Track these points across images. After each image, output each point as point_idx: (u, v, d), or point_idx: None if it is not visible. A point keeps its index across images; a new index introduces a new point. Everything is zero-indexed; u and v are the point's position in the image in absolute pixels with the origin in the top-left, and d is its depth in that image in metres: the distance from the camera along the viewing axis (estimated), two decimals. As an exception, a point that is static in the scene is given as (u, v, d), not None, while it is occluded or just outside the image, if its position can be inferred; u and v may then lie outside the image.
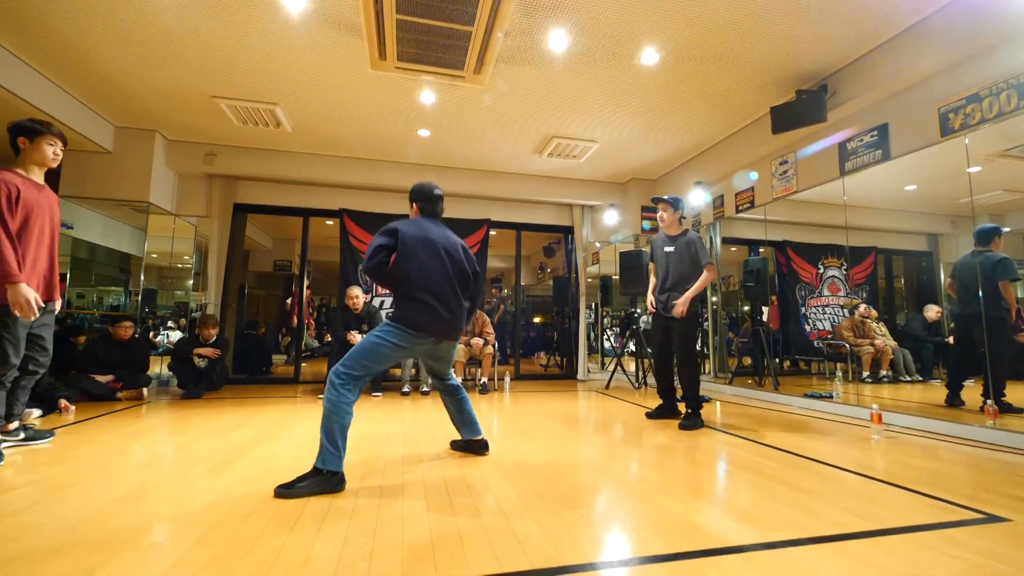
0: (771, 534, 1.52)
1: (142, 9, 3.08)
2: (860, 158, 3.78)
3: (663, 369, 3.60)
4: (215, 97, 4.19)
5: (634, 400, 4.63)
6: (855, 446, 2.75)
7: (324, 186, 5.84)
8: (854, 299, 5.13)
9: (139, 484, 1.96)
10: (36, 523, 1.56)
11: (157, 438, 2.82)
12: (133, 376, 4.30)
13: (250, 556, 1.35)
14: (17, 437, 2.53)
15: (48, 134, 2.43)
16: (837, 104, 3.67)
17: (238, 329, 6.08)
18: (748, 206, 5.01)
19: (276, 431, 3.03)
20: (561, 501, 1.82)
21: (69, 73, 3.87)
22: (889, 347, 4.80)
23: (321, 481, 1.89)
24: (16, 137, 2.39)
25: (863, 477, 2.14)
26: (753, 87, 3.96)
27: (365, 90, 4.08)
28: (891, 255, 5.15)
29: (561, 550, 1.40)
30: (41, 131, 2.41)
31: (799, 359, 5.88)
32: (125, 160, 4.85)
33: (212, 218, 5.49)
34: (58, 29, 3.29)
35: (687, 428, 3.19)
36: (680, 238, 3.45)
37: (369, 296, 5.70)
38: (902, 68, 3.24)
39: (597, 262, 7.17)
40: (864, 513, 1.70)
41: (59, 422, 3.22)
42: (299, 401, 4.35)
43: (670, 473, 2.20)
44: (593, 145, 5.16)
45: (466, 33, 3.18)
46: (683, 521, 1.63)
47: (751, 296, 5.14)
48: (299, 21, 3.18)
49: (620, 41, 3.36)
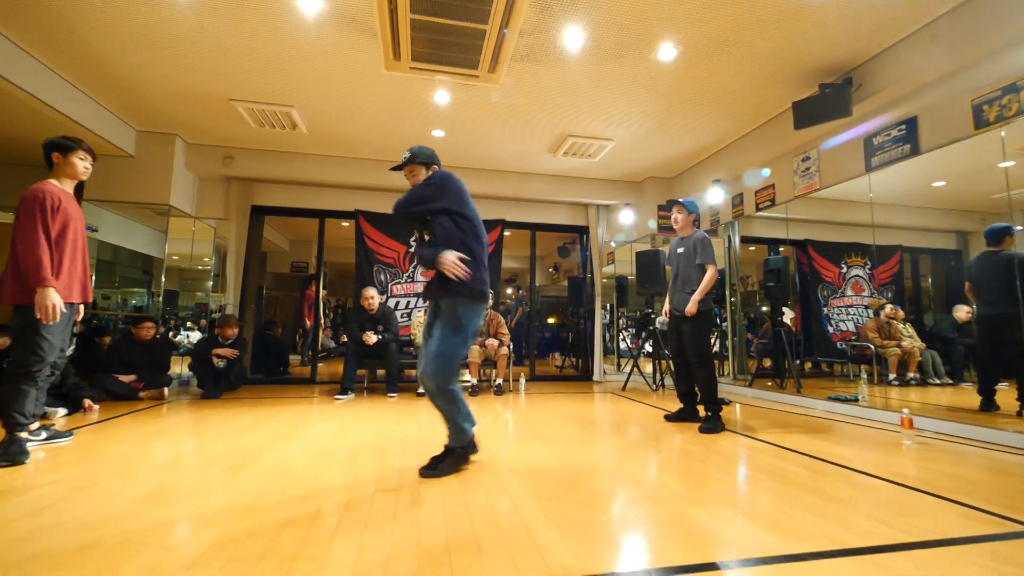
0: (799, 544, 1.46)
1: (162, 15, 3.12)
2: (887, 153, 3.66)
3: (682, 371, 3.54)
4: (233, 100, 4.25)
5: (651, 402, 4.55)
6: (884, 451, 2.65)
7: (339, 188, 5.88)
8: (879, 299, 4.98)
9: (159, 484, 1.98)
10: (57, 522, 1.58)
11: (177, 438, 2.85)
12: (155, 376, 4.38)
13: (267, 559, 1.34)
14: (39, 437, 2.57)
15: (79, 149, 2.59)
16: (863, 98, 3.56)
17: (256, 330, 6.16)
18: (768, 204, 4.90)
19: (292, 432, 3.04)
20: (580, 507, 1.78)
21: (94, 79, 3.95)
22: (917, 349, 4.65)
23: (458, 458, 2.18)
24: (50, 152, 2.55)
25: (895, 485, 2.06)
26: (774, 81, 3.86)
27: (379, 91, 4.09)
28: (918, 254, 4.98)
29: (582, 559, 1.36)
30: (73, 146, 2.57)
31: (821, 361, 5.73)
32: (147, 164, 4.95)
33: (230, 220, 5.57)
34: (83, 35, 3.35)
35: (707, 431, 3.12)
36: (689, 239, 3.45)
37: (384, 297, 5.72)
38: (934, 58, 3.11)
39: (613, 262, 7.09)
40: (898, 524, 1.63)
41: (83, 421, 3.28)
42: (315, 402, 4.38)
43: (691, 478, 2.14)
44: (608, 144, 5.10)
45: (480, 32, 3.16)
46: (706, 529, 1.57)
47: (772, 296, 5.02)
48: (314, 23, 3.20)
49: (636, 37, 3.31)
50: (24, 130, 4.36)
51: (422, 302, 5.87)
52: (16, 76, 3.46)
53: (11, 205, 5.31)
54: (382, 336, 4.86)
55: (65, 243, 2.47)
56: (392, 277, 5.88)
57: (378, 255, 5.87)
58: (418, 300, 5.90)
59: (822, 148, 4.28)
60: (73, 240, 2.52)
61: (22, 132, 4.41)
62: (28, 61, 3.56)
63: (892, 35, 3.28)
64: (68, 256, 2.48)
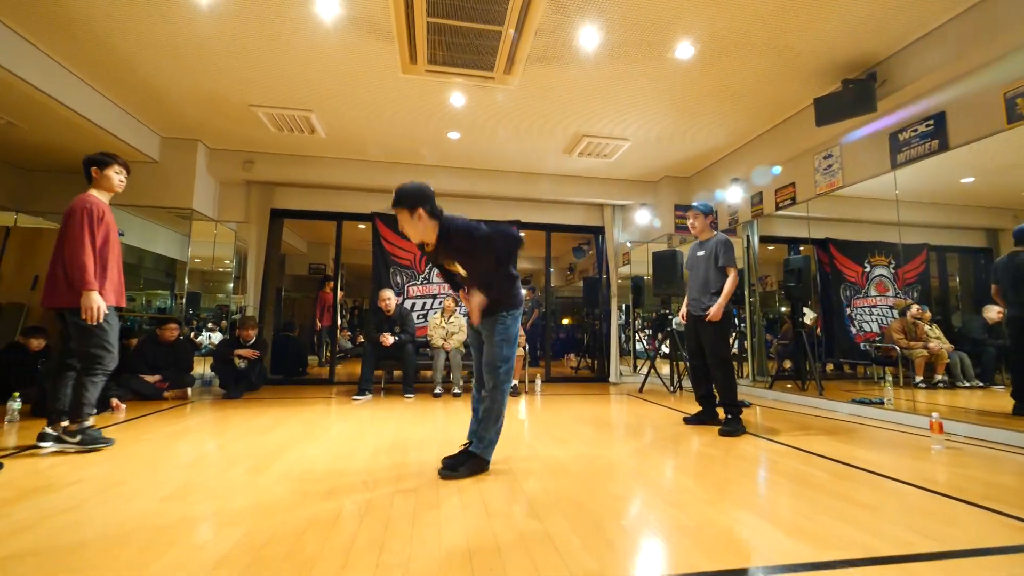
0: (827, 552, 1.42)
1: (187, 25, 3.19)
2: (913, 149, 3.56)
3: (700, 374, 3.49)
4: (253, 106, 4.32)
5: (669, 404, 4.50)
6: (912, 456, 2.58)
7: (356, 190, 5.94)
8: (905, 299, 4.85)
9: (184, 483, 2.02)
10: (90, 519, 1.62)
11: (200, 437, 2.91)
12: (178, 376, 4.48)
13: (290, 558, 1.36)
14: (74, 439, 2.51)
15: (115, 163, 2.77)
16: (887, 93, 3.47)
17: (275, 331, 6.26)
18: (789, 203, 4.81)
19: (311, 432, 3.08)
20: (599, 510, 1.76)
21: (122, 88, 4.07)
22: (944, 350, 4.51)
23: (479, 464, 2.20)
24: (89, 167, 2.71)
25: (925, 491, 2.00)
26: (795, 78, 3.79)
27: (396, 94, 4.12)
28: (945, 252, 4.84)
29: (603, 563, 1.35)
30: (109, 161, 2.76)
31: (843, 363, 5.60)
32: (170, 169, 5.07)
33: (251, 223, 5.67)
34: (113, 46, 3.45)
35: (727, 434, 3.07)
36: (709, 241, 3.42)
37: (401, 298, 5.77)
38: (964, 50, 3.01)
39: (628, 262, 7.04)
40: (930, 531, 1.58)
41: (111, 420, 3.37)
42: (333, 402, 4.43)
43: (711, 482, 2.11)
44: (624, 143, 5.06)
45: (496, 33, 3.17)
46: (729, 534, 1.55)
47: (792, 297, 4.92)
48: (332, 28, 3.24)
49: (653, 35, 3.27)
50: (56, 138, 4.51)
51: (438, 303, 5.90)
52: (52, 88, 3.58)
53: (43, 210, 5.50)
54: (399, 337, 4.89)
55: (109, 252, 2.66)
56: (408, 279, 5.92)
57: (395, 257, 5.92)
58: (434, 302, 5.94)
59: (845, 145, 4.19)
60: (114, 249, 2.71)
61: (54, 140, 4.56)
62: (63, 74, 3.67)
63: (919, 28, 3.18)
64: (112, 263, 2.67)
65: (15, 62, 3.28)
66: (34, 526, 1.56)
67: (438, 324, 5.27)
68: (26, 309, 5.03)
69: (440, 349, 5.06)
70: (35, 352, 3.93)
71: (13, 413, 3.19)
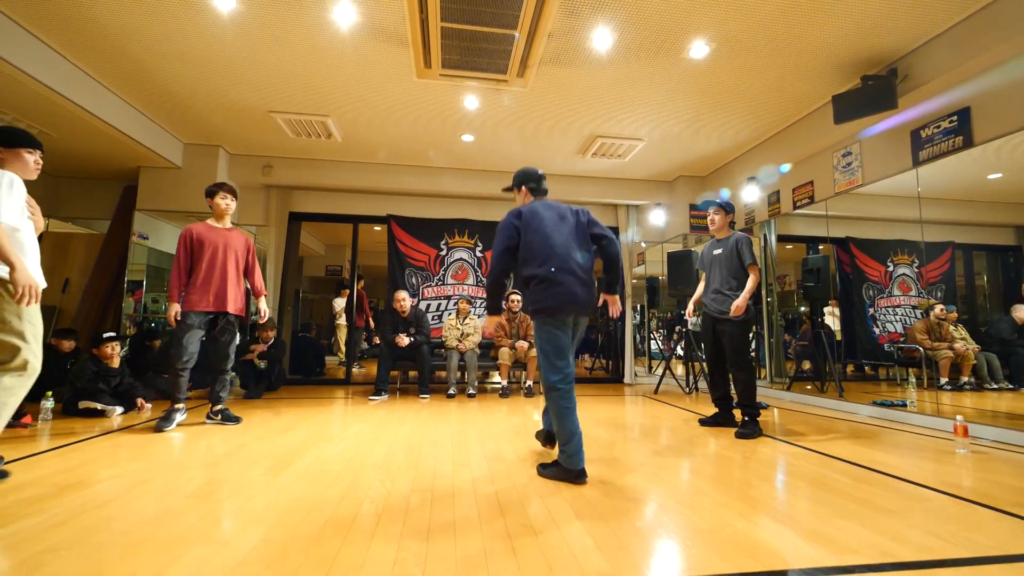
0: (847, 557, 1.41)
1: (209, 35, 3.28)
2: (936, 146, 3.48)
3: (717, 376, 3.46)
4: (272, 112, 4.42)
5: (685, 406, 4.47)
6: (936, 460, 2.52)
7: (372, 193, 6.02)
8: (929, 299, 4.73)
9: (207, 481, 2.08)
10: (120, 515, 1.68)
11: (222, 437, 2.98)
12: (201, 376, 4.58)
13: (309, 557, 1.39)
14: (217, 419, 3.35)
15: (220, 191, 3.38)
16: (909, 89, 3.39)
17: (293, 332, 6.37)
18: (807, 201, 4.73)
19: (329, 432, 3.14)
20: (614, 512, 1.77)
21: (147, 97, 4.19)
22: (971, 351, 4.39)
23: (563, 472, 2.14)
24: (207, 197, 3.41)
25: (949, 496, 1.95)
26: (812, 75, 3.73)
27: (411, 98, 4.17)
28: (971, 250, 4.70)
29: (617, 565, 1.36)
30: (215, 190, 3.39)
31: (865, 364, 5.48)
32: (193, 174, 5.20)
33: (270, 227, 5.78)
34: (138, 57, 3.56)
35: (744, 437, 3.04)
36: (728, 240, 3.37)
37: (416, 300, 5.82)
38: (991, 43, 2.92)
39: (643, 263, 6.99)
40: (954, 537, 1.55)
41: (137, 419, 3.48)
42: (351, 402, 4.50)
43: (728, 485, 2.09)
44: (639, 143, 5.04)
45: (509, 37, 3.18)
46: (746, 538, 1.54)
47: (811, 297, 4.84)
48: (348, 35, 3.29)
49: (667, 35, 3.26)
50: (85, 145, 4.67)
51: (452, 305, 5.95)
52: (81, 98, 3.70)
53: (72, 215, 5.70)
54: (414, 338, 4.94)
55: (200, 266, 3.25)
56: (423, 280, 5.98)
57: (410, 259, 5.98)
58: (449, 303, 5.98)
59: (864, 142, 4.10)
60: (210, 263, 3.27)
61: (83, 147, 4.73)
62: (92, 84, 3.80)
63: (943, 21, 3.11)
64: (203, 276, 3.24)
65: (48, 74, 3.41)
66: (68, 521, 1.62)
67: (453, 325, 5.31)
68: (57, 311, 5.22)
69: (454, 350, 5.10)
70: (66, 353, 4.07)
71: (46, 412, 3.31)
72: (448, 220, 6.09)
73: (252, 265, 3.50)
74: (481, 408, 4.20)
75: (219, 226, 3.38)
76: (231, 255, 3.34)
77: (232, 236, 3.40)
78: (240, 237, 3.46)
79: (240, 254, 3.42)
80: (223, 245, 3.32)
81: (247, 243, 3.50)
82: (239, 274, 3.41)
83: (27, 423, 3.16)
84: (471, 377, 5.05)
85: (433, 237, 6.02)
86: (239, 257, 3.41)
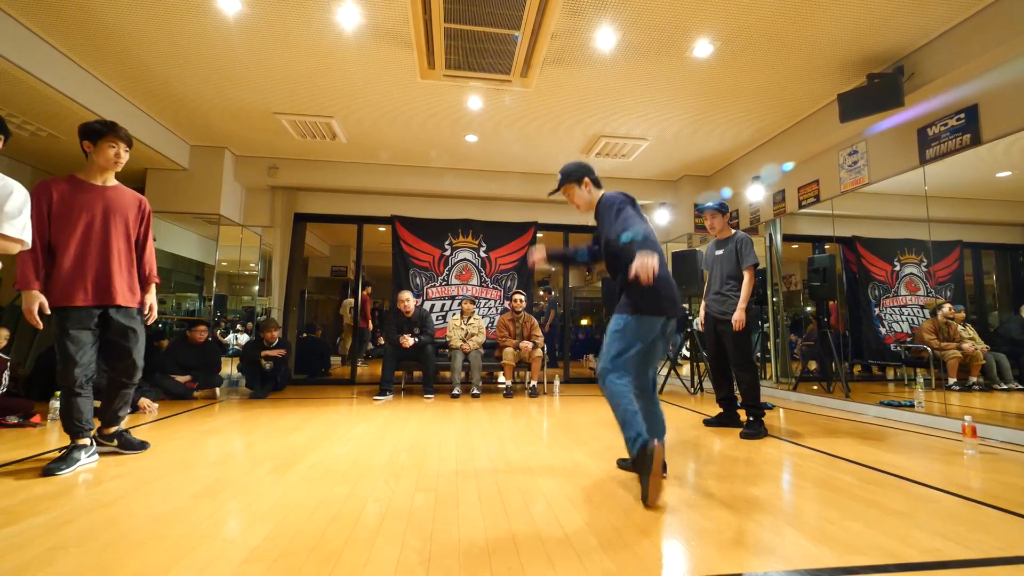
0: (851, 558, 1.40)
1: (211, 36, 3.31)
2: (944, 144, 3.45)
3: (721, 376, 3.44)
4: (277, 113, 4.44)
5: (690, 406, 4.45)
6: (944, 461, 2.50)
7: (376, 194, 6.05)
8: (937, 298, 4.69)
9: (214, 480, 2.09)
10: (128, 513, 1.70)
11: (228, 436, 3.00)
12: (208, 377, 4.63)
13: (314, 555, 1.40)
14: (111, 444, 2.50)
15: (110, 134, 2.37)
16: (915, 87, 3.37)
17: (299, 332, 6.40)
18: (813, 201, 4.70)
19: (334, 432, 3.15)
20: (618, 512, 1.77)
21: (155, 100, 4.23)
22: (980, 351, 4.35)
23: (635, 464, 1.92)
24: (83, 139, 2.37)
25: (956, 497, 1.94)
26: (817, 74, 3.71)
27: (414, 99, 4.18)
28: (980, 249, 4.66)
29: (621, 565, 1.36)
30: (102, 131, 2.37)
31: (872, 364, 5.44)
32: (199, 176, 5.24)
33: (275, 228, 5.82)
34: (146, 62, 3.59)
35: (749, 437, 3.02)
36: (729, 240, 3.35)
37: (420, 300, 5.84)
38: (1000, 40, 2.90)
39: (647, 263, 6.96)
40: (962, 538, 1.53)
41: (139, 420, 3.50)
42: (355, 402, 4.51)
43: (733, 485, 2.08)
44: (643, 143, 5.03)
45: (512, 38, 3.19)
46: (751, 538, 1.53)
47: (817, 296, 4.81)
48: (352, 37, 3.31)
49: (671, 35, 3.25)
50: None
51: (456, 305, 5.96)
52: (89, 101, 3.75)
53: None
54: (419, 339, 4.96)
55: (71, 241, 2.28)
56: (427, 280, 5.99)
57: (414, 259, 5.99)
58: (453, 303, 5.99)
59: (871, 141, 4.07)
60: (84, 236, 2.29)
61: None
62: (100, 87, 3.85)
63: (949, 19, 3.08)
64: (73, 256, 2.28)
65: (56, 77, 3.45)
66: (76, 519, 1.64)
67: (457, 325, 5.32)
68: (65, 312, 5.26)
69: (458, 350, 5.11)
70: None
71: (55, 412, 3.35)
72: (452, 220, 6.10)
73: (145, 237, 2.49)
74: (485, 408, 4.21)
75: (97, 183, 2.35)
76: (116, 224, 2.34)
77: (118, 197, 2.38)
78: (131, 198, 2.44)
79: (132, 222, 2.41)
80: (103, 210, 2.31)
81: (141, 206, 2.47)
82: (131, 250, 2.42)
83: (37, 423, 3.20)
84: (475, 377, 5.06)
85: (437, 237, 6.03)
86: (130, 226, 2.40)
